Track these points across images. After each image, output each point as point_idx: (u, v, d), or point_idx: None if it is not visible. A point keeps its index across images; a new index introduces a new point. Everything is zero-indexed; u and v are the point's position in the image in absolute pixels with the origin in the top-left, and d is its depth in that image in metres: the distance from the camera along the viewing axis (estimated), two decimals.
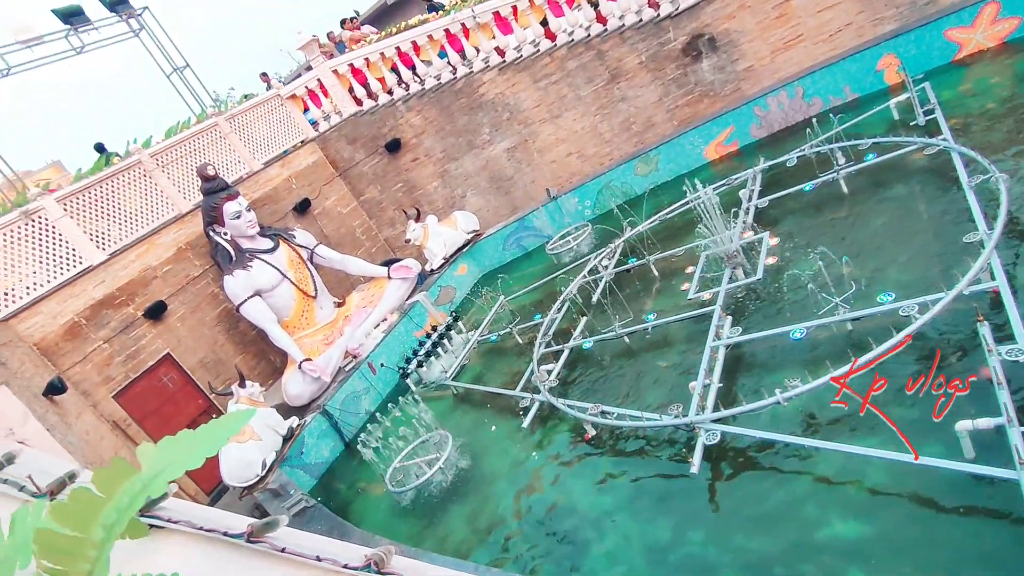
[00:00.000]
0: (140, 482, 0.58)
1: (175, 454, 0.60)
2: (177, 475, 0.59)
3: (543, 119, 12.06)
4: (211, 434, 0.62)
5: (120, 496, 0.58)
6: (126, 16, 11.07)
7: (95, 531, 0.57)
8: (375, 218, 13.09)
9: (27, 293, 8.65)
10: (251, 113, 11.89)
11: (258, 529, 0.81)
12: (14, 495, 1.13)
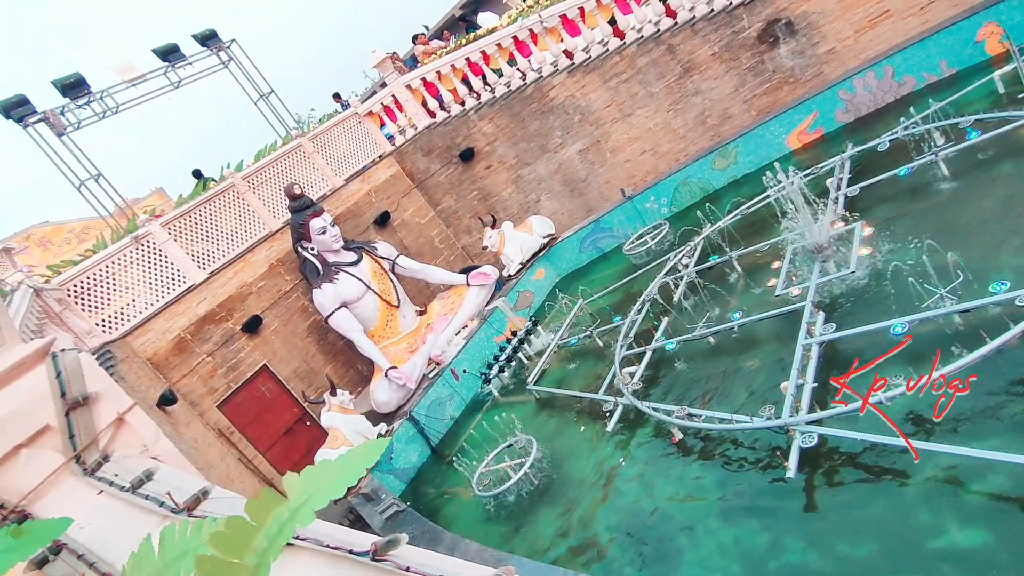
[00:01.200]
0: (288, 511, 0.64)
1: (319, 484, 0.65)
2: (322, 505, 0.64)
3: (615, 118, 11.94)
4: (350, 463, 0.66)
5: (270, 524, 0.63)
6: (216, 49, 11.82)
7: (249, 557, 0.62)
8: (452, 227, 13.35)
9: (140, 312, 9.38)
10: (331, 132, 12.41)
11: (382, 547, 0.86)
12: (155, 510, 1.24)
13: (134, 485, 1.33)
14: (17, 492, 1.40)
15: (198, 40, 11.79)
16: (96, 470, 1.45)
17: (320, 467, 0.68)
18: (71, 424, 1.53)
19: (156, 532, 1.23)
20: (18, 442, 1.44)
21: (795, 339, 6.02)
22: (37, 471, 1.44)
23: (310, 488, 0.66)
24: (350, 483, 0.65)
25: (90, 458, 1.52)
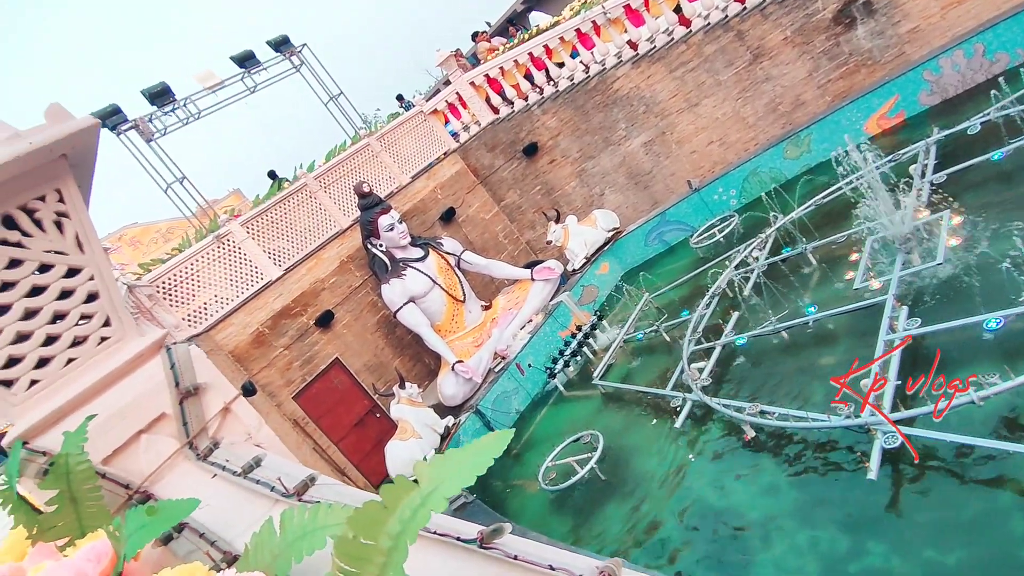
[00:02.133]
0: (420, 496, 0.68)
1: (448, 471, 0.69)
2: (455, 492, 0.68)
3: (681, 109, 11.69)
4: (480, 452, 0.70)
5: (403, 509, 0.67)
6: (288, 54, 12.27)
7: (383, 540, 0.67)
8: (516, 222, 13.42)
9: (222, 307, 9.89)
10: (398, 131, 12.68)
11: (488, 535, 0.90)
12: (267, 494, 1.33)
13: (245, 470, 1.42)
14: (139, 474, 1.53)
15: (272, 46, 12.27)
16: (208, 456, 1.57)
17: (449, 456, 0.72)
18: (184, 412, 1.65)
19: (269, 514, 1.32)
20: (139, 428, 1.57)
21: (875, 335, 5.76)
22: (156, 455, 1.56)
23: (440, 475, 0.70)
24: (480, 472, 0.68)
25: (201, 444, 1.64)
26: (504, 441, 0.71)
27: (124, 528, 1.20)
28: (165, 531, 1.22)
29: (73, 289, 1.62)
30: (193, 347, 1.76)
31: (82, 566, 1.21)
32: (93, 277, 1.65)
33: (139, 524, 1.17)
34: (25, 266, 1.55)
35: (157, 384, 1.65)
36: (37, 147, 1.50)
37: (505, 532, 0.92)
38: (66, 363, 1.60)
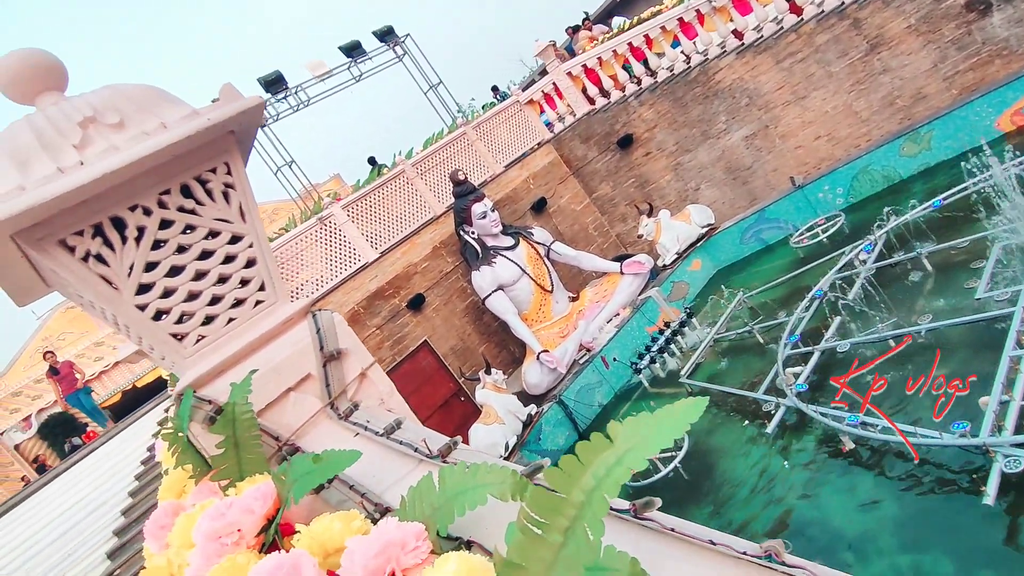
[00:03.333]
0: (614, 455, 0.71)
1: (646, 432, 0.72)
2: (653, 452, 0.71)
3: (787, 102, 11.17)
4: (675, 416, 0.72)
5: (598, 465, 0.71)
6: (392, 44, 12.68)
7: (575, 494, 0.70)
8: (607, 214, 13.30)
9: (322, 286, 10.41)
10: (493, 120, 12.84)
11: (640, 506, 0.92)
12: (411, 454, 1.41)
13: (388, 430, 1.52)
14: (287, 428, 1.66)
15: (377, 36, 12.71)
16: (348, 416, 1.68)
17: (643, 418, 0.75)
18: (327, 374, 1.77)
19: (413, 473, 1.40)
20: (288, 386, 1.70)
21: (997, 349, 5.33)
22: (301, 412, 1.69)
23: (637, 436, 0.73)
24: (677, 435, 0.71)
25: (342, 406, 1.75)
26: (699, 408, 0.73)
27: (290, 473, 1.31)
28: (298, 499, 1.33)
29: (235, 255, 1.77)
30: (336, 315, 1.88)
31: (250, 504, 1.33)
32: (252, 245, 1.80)
33: (305, 470, 1.27)
34: (197, 232, 1.71)
35: (304, 347, 1.77)
36: (212, 123, 1.65)
37: (656, 506, 0.94)
38: (227, 322, 1.75)
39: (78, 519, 7.54)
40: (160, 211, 1.66)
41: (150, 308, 1.67)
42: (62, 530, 7.48)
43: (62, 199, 1.48)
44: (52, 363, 11.83)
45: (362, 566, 1.01)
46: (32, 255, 1.59)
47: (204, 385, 1.69)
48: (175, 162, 1.65)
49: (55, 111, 1.60)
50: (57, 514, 8.00)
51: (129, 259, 1.63)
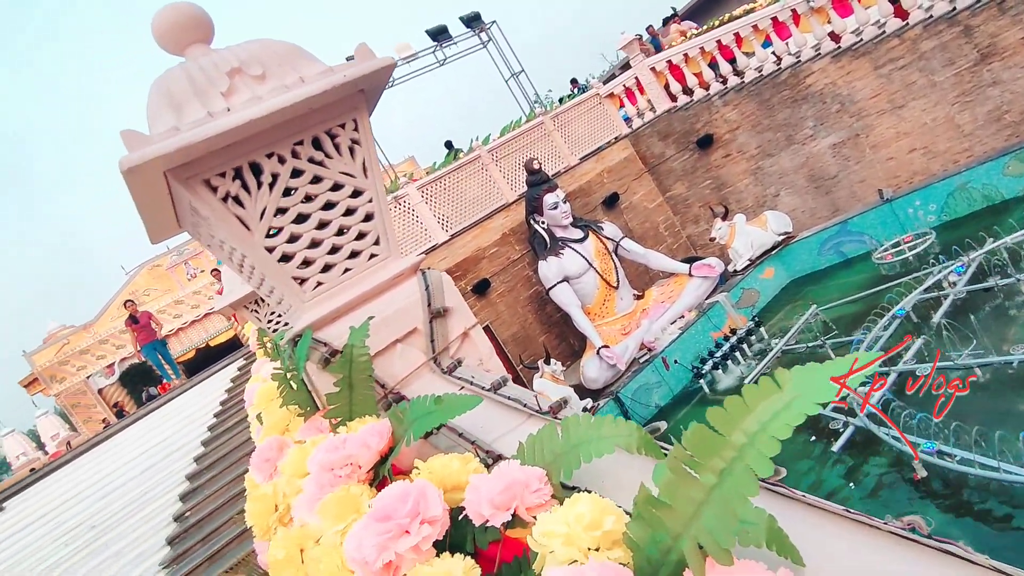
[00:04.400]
0: (780, 401, 0.72)
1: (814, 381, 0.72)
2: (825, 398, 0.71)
3: (882, 110, 10.67)
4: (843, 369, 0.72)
5: (763, 409, 0.72)
6: (478, 31, 12.79)
7: (736, 436, 0.71)
8: (680, 214, 13.07)
9: None
10: (572, 112, 12.80)
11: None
12: (520, 409, 1.45)
13: (495, 386, 1.56)
14: (392, 377, 1.73)
15: (464, 22, 12.85)
16: (452, 371, 1.73)
17: (813, 367, 0.75)
18: (433, 330, 1.83)
19: (522, 428, 1.44)
20: (396, 338, 1.77)
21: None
22: (407, 363, 1.75)
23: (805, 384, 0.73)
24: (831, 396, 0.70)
25: (444, 361, 1.81)
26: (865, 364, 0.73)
27: (409, 413, 1.37)
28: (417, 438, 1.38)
29: (356, 208, 1.85)
30: (444, 275, 1.94)
31: (367, 439, 1.40)
32: (371, 200, 1.87)
33: (425, 411, 1.33)
34: (323, 183, 1.80)
35: (413, 302, 1.84)
36: (346, 80, 1.72)
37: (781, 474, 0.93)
38: (343, 272, 1.84)
39: (154, 462, 8.02)
40: (293, 160, 1.75)
41: (277, 251, 1.76)
42: (139, 470, 7.97)
43: (210, 142, 1.58)
44: (132, 312, 12.48)
45: (488, 500, 1.05)
46: (178, 193, 1.71)
47: (319, 329, 1.78)
48: (310, 115, 1.74)
49: (206, 61, 1.71)
50: (135, 456, 8.53)
51: (262, 203, 1.72)
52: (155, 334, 12.54)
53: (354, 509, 1.34)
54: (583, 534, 0.89)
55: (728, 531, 0.72)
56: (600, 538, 0.89)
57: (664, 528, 0.81)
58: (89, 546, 6.64)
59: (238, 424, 7.93)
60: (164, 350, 12.84)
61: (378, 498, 1.12)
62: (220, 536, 5.84)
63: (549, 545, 0.91)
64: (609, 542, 0.89)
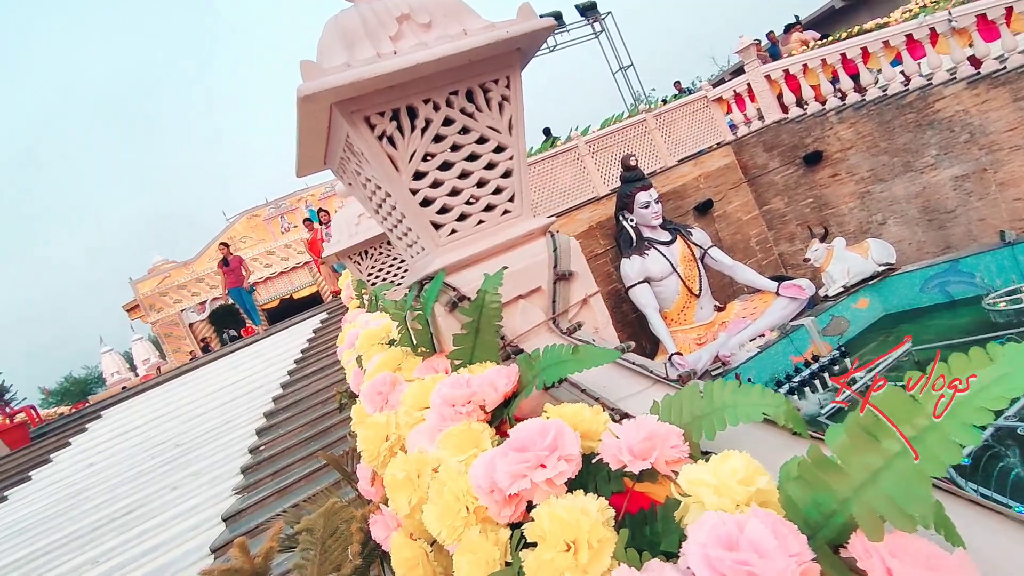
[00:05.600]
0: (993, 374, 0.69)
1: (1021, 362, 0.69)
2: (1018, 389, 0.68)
3: (1016, 146, 9.88)
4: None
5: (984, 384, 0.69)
6: (592, 20, 12.68)
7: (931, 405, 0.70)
8: (774, 230, 12.60)
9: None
10: (676, 112, 12.53)
11: None
12: (645, 375, 1.46)
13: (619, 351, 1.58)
14: (512, 331, 1.76)
15: (579, 10, 12.77)
16: (571, 333, 1.76)
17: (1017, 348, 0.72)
18: (556, 291, 1.86)
19: (650, 392, 1.44)
20: (519, 294, 1.80)
21: None
22: (527, 320, 1.79)
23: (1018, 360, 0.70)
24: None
25: (563, 323, 1.83)
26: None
27: (542, 359, 1.40)
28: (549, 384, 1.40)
29: (497, 163, 1.89)
30: (572, 240, 1.96)
31: (494, 379, 1.44)
32: (512, 157, 1.91)
33: (559, 359, 1.35)
34: (470, 135, 1.85)
35: (539, 262, 1.87)
36: (508, 37, 1.76)
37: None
38: (477, 223, 1.89)
39: (235, 396, 8.52)
40: (446, 109, 1.81)
41: (419, 194, 1.83)
42: (221, 401, 8.49)
43: (377, 80, 1.66)
44: (225, 254, 12.98)
45: (627, 447, 1.06)
46: (336, 128, 1.81)
47: (449, 274, 1.84)
48: (468, 67, 1.79)
49: (378, 5, 1.79)
50: (218, 388, 9.09)
51: (413, 146, 1.79)
52: (243, 279, 13.02)
53: (475, 444, 1.38)
54: (736, 487, 0.89)
55: (918, 498, 0.71)
56: (753, 495, 0.89)
57: (830, 491, 0.80)
58: (173, 461, 7.15)
59: (316, 372, 8.30)
60: (248, 296, 13.25)
61: (516, 430, 1.15)
62: (290, 473, 6.16)
63: (697, 494, 0.92)
64: (759, 501, 0.89)
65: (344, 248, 4.32)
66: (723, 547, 0.75)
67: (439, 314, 1.80)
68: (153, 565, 5.43)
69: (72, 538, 6.21)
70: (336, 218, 4.61)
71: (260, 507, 5.76)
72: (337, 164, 2.11)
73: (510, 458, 1.11)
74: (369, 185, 1.98)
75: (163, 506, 6.28)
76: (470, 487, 1.23)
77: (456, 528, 1.22)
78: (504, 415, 1.48)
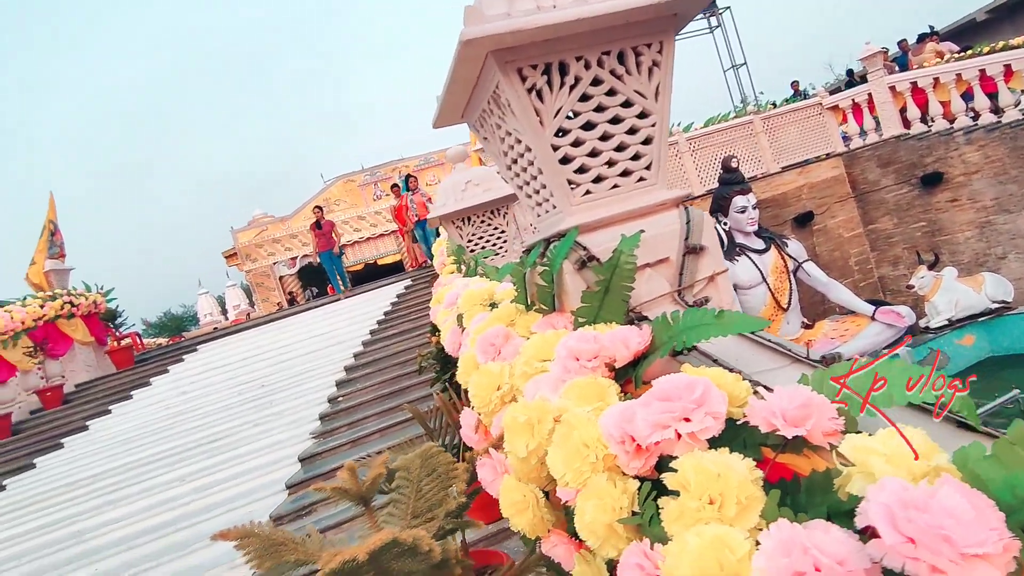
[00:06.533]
0: None
1: None
2: None
3: None
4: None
5: None
6: (709, 15, 12.29)
7: None
8: (877, 251, 11.91)
9: None
10: (786, 117, 12.01)
11: None
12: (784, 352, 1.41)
13: None
14: (636, 298, 1.75)
15: None
16: (699, 307, 1.72)
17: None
18: (684, 264, 1.83)
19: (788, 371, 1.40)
20: (647, 262, 1.79)
21: None
22: (651, 289, 1.77)
23: None
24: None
25: (688, 297, 1.80)
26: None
27: (682, 320, 1.38)
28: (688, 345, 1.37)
29: (639, 129, 1.87)
30: (706, 214, 1.92)
31: (627, 337, 1.44)
32: (655, 125, 1.88)
33: (701, 321, 1.33)
34: (617, 97, 1.84)
35: (670, 232, 1.84)
36: (666, 0, 1.72)
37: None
38: (611, 187, 1.88)
39: (318, 348, 8.90)
40: (596, 68, 1.80)
41: (560, 151, 1.84)
42: (305, 351, 8.90)
43: (535, 32, 1.67)
44: (319, 217, 13.37)
45: (781, 410, 1.03)
46: (486, 78, 1.84)
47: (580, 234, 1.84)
48: (623, 28, 1.77)
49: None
50: (303, 339, 9.52)
51: (560, 102, 1.80)
52: (333, 243, 13.30)
53: (600, 397, 1.39)
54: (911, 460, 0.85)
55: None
56: (928, 470, 0.85)
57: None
58: (257, 400, 7.57)
59: (396, 335, 8.55)
60: (338, 261, 13.54)
61: (659, 382, 1.14)
62: (365, 426, 6.40)
63: (866, 463, 0.88)
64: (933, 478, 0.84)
65: (448, 212, 4.40)
66: (914, 508, 0.72)
67: (566, 271, 1.81)
68: (232, 492, 5.78)
69: (165, 455, 6.70)
70: (443, 183, 4.70)
71: (334, 453, 6.01)
72: (477, 117, 2.14)
73: (654, 407, 1.10)
74: (508, 139, 2.00)
75: (245, 439, 6.67)
76: (600, 435, 1.23)
77: (582, 472, 1.22)
78: (630, 375, 1.47)
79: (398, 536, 1.46)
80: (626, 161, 1.87)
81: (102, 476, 6.73)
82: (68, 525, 5.86)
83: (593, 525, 1.16)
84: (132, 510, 5.88)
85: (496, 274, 3.46)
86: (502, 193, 4.50)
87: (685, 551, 0.90)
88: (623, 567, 1.06)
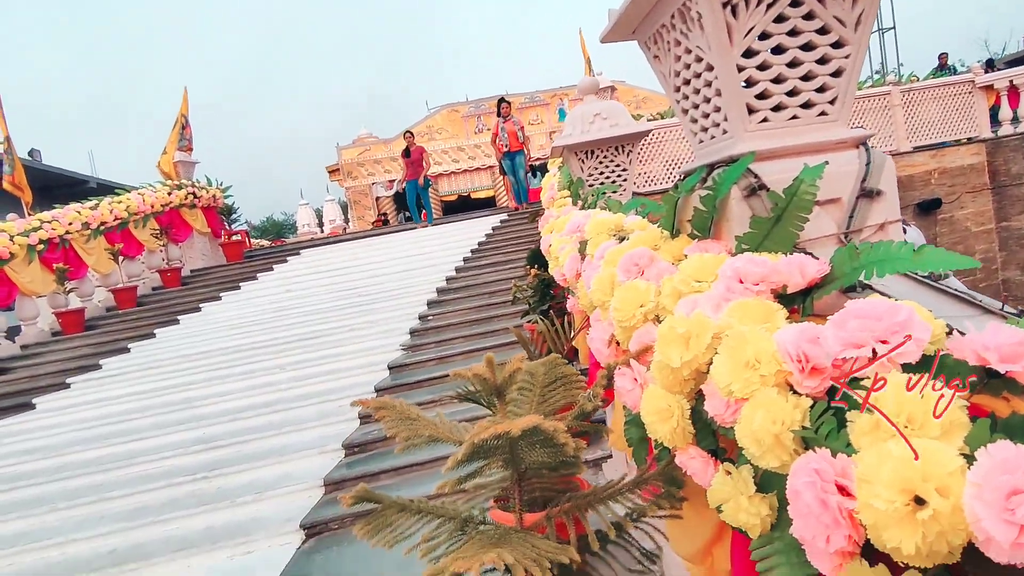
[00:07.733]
0: None
1: None
2: None
3: None
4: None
5: None
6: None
7: None
8: (1007, 251, 10.95)
9: (652, 182, 10.50)
10: (929, 92, 11.03)
11: None
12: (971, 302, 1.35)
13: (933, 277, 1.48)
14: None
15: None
16: None
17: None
18: (856, 207, 1.76)
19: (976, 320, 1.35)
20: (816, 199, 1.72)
21: None
22: (816, 227, 1.72)
23: None
24: None
25: (855, 241, 1.74)
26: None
27: (869, 253, 1.34)
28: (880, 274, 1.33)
29: (830, 59, 1.79)
30: (889, 159, 1.82)
31: (804, 264, 1.41)
32: (848, 56, 1.78)
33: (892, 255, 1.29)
34: (814, 22, 1.75)
35: (846, 172, 1.77)
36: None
37: None
38: (790, 117, 1.81)
39: (413, 267, 9.20)
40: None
41: (744, 73, 1.78)
42: (401, 268, 9.22)
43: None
44: (409, 143, 12.29)
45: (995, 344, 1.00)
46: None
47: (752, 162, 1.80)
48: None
49: None
50: (399, 257, 9.87)
51: (754, 20, 1.73)
52: (421, 170, 12.25)
53: (767, 319, 1.38)
54: None
55: None
56: None
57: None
58: (355, 307, 7.97)
59: (489, 265, 8.71)
60: (424, 192, 12.47)
61: (856, 303, 1.13)
62: (452, 346, 6.64)
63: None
64: None
65: (574, 143, 4.37)
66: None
67: (733, 197, 1.78)
68: (326, 386, 6.18)
69: (268, 344, 7.23)
70: (572, 113, 4.66)
71: (421, 367, 6.29)
72: (652, 33, 2.09)
73: (852, 325, 1.08)
74: (686, 57, 1.95)
75: (341, 340, 7.08)
76: (775, 350, 1.23)
77: (751, 383, 1.23)
78: (797, 304, 1.45)
79: (540, 424, 1.54)
80: (810, 92, 1.79)
81: (211, 354, 7.35)
82: (182, 391, 6.47)
83: (759, 433, 1.18)
84: (236, 387, 6.41)
85: (620, 208, 3.44)
86: (630, 130, 4.42)
87: (887, 456, 0.90)
88: (796, 473, 1.07)
